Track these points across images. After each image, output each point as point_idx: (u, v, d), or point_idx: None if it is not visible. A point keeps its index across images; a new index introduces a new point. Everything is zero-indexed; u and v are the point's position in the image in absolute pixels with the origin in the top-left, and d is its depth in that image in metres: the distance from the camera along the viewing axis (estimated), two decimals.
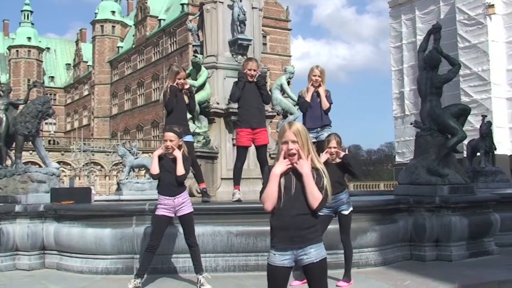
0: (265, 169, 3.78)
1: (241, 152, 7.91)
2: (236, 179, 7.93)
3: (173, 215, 6.22)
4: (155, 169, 6.18)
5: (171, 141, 6.17)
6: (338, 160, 6.40)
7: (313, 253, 3.59)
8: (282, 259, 3.58)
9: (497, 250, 8.29)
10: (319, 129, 7.71)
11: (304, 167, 3.60)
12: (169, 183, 6.18)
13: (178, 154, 6.18)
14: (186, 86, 7.65)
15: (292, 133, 3.67)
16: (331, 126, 7.85)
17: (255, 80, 7.73)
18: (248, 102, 7.77)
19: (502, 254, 8.20)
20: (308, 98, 7.67)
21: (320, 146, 7.67)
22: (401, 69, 39.96)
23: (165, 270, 6.94)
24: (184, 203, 6.21)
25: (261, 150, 7.84)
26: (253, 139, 7.76)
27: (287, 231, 3.57)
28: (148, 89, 72.24)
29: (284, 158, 3.65)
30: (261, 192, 3.68)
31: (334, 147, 6.34)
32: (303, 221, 3.59)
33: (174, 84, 7.54)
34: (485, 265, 7.49)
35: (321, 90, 7.68)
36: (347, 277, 6.28)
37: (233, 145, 8.32)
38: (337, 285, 6.19)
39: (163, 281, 6.60)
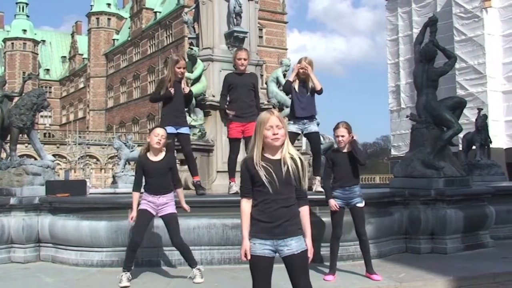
0: (242, 162, 3.72)
1: (234, 144, 7.95)
2: (231, 171, 7.94)
3: (155, 213, 6.18)
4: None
5: (162, 137, 6.16)
6: (347, 150, 6.36)
7: (294, 244, 3.55)
8: (262, 248, 3.56)
9: (492, 243, 8.32)
10: (305, 120, 7.51)
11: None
12: (156, 186, 6.15)
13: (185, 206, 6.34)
14: (186, 91, 7.66)
15: (277, 118, 3.61)
16: (316, 118, 7.76)
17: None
18: (239, 97, 7.76)
19: (497, 247, 8.23)
20: (291, 77, 7.52)
21: (309, 139, 7.66)
22: (397, 62, 39.87)
23: (160, 263, 6.95)
24: (167, 204, 6.17)
25: (248, 141, 7.80)
26: (243, 131, 7.75)
27: (268, 223, 3.56)
28: (143, 82, 72.06)
29: (267, 142, 3.59)
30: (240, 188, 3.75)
31: (342, 136, 6.30)
32: (284, 213, 3.56)
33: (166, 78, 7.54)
34: (480, 257, 7.51)
35: (311, 74, 7.46)
36: (371, 268, 6.29)
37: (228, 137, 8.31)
38: (369, 277, 6.24)
39: (156, 274, 6.60)
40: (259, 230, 3.58)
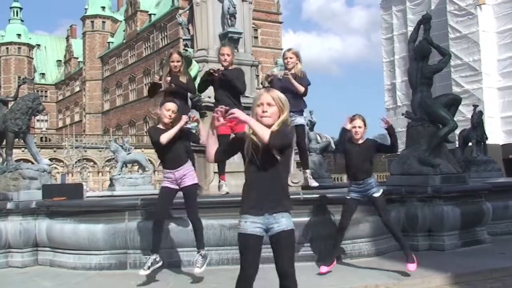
0: None
1: (222, 141, 7.79)
2: (220, 168, 7.84)
3: (177, 187, 6.16)
4: (168, 138, 5.98)
5: (173, 111, 6.12)
6: (361, 141, 6.39)
7: (284, 221, 3.56)
8: (253, 226, 3.57)
9: (489, 239, 8.33)
10: (291, 113, 7.56)
11: (240, 115, 3.49)
12: (171, 158, 6.12)
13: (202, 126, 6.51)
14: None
15: (270, 96, 3.56)
16: (303, 113, 7.75)
17: (222, 73, 7.42)
18: (222, 94, 7.59)
19: (494, 243, 8.24)
20: (277, 74, 7.72)
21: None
22: (393, 61, 39.93)
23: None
24: (185, 175, 6.14)
25: None
26: (231, 127, 7.66)
27: (257, 197, 3.56)
28: (139, 84, 71.97)
29: (258, 120, 3.53)
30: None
31: (359, 127, 6.32)
32: (273, 187, 3.55)
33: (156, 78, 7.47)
34: (477, 254, 7.53)
35: (296, 71, 7.53)
36: (411, 258, 6.28)
37: None
38: (407, 270, 6.23)
39: (156, 274, 6.59)
40: (249, 206, 3.59)
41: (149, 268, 6.00)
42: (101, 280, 6.63)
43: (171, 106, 6.15)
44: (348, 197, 6.55)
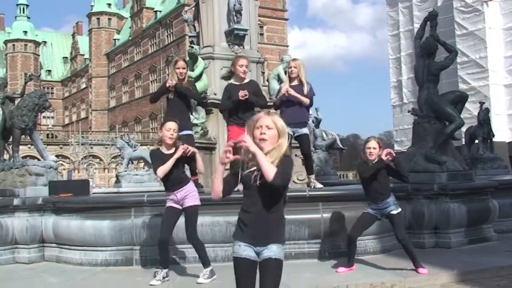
0: None
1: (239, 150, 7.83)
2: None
3: (180, 207, 6.16)
4: (164, 172, 6.00)
5: (174, 130, 6.11)
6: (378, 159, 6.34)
7: (275, 249, 3.46)
8: (247, 251, 3.49)
9: (496, 236, 8.32)
10: (295, 127, 7.73)
11: (251, 145, 3.34)
12: (171, 180, 6.11)
13: (196, 153, 6.24)
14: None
15: (270, 119, 3.45)
16: (307, 123, 7.90)
17: (246, 96, 7.38)
18: (240, 107, 7.58)
19: (500, 240, 8.23)
20: (280, 93, 7.83)
21: (299, 142, 7.76)
22: (399, 58, 39.76)
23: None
24: (187, 196, 6.13)
25: None
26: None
27: (250, 228, 3.48)
28: (145, 81, 72.05)
29: (256, 143, 3.41)
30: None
31: (374, 148, 6.34)
32: (265, 219, 3.45)
33: (170, 81, 7.44)
34: (483, 251, 7.51)
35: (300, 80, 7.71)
36: (419, 265, 6.29)
37: None
38: (418, 272, 6.24)
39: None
40: (241, 234, 3.52)
41: (159, 280, 6.02)
42: (107, 276, 6.65)
43: (172, 125, 6.14)
44: (365, 211, 6.54)
